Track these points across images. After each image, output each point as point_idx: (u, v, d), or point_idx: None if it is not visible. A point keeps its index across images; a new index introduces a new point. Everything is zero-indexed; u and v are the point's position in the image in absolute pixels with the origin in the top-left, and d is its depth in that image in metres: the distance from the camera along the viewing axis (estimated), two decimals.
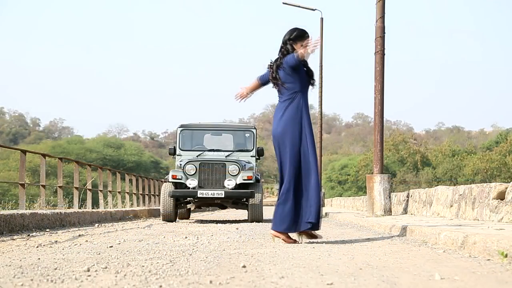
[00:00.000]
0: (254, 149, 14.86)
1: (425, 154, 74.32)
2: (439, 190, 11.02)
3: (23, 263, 4.32)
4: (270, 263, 4.22)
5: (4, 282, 3.39)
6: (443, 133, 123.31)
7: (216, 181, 13.66)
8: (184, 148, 14.76)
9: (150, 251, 5.35)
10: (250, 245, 5.99)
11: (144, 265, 4.12)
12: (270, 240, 6.73)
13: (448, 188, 10.53)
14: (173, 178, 13.58)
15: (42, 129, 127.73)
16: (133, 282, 3.31)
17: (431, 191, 11.52)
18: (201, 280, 3.38)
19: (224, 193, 13.35)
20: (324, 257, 4.61)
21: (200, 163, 13.64)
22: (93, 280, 3.42)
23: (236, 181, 13.57)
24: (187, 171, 13.57)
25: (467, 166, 64.66)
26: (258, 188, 13.84)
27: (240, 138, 15.21)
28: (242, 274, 3.61)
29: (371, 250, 5.20)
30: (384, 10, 13.47)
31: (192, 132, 15.12)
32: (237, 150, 14.82)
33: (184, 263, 4.28)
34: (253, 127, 15.36)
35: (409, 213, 13.01)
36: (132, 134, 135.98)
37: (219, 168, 13.71)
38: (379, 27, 13.46)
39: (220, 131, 15.52)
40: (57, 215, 9.64)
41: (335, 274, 3.59)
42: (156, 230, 9.52)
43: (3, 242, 6.54)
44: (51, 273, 3.77)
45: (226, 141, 15.46)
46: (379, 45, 13.36)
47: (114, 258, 4.69)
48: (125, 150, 77.93)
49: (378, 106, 13.21)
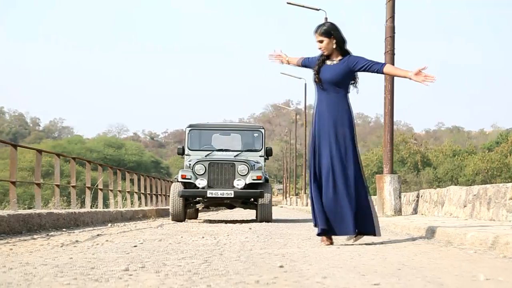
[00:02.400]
0: (263, 149, 14.86)
1: (426, 154, 74.42)
2: (452, 190, 11.03)
3: (58, 263, 4.32)
4: (305, 263, 4.22)
5: (49, 281, 3.39)
6: (443, 133, 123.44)
7: (225, 181, 13.65)
8: (192, 148, 14.75)
9: (176, 251, 5.35)
10: (273, 245, 5.99)
11: (180, 265, 4.12)
12: (291, 240, 6.74)
13: (461, 188, 10.54)
14: (183, 178, 13.57)
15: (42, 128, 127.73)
16: (179, 282, 3.31)
17: (443, 191, 11.53)
18: (246, 279, 3.38)
19: (233, 193, 13.35)
20: (356, 257, 4.62)
21: (210, 163, 13.63)
22: (137, 280, 3.42)
23: (246, 181, 13.56)
24: (197, 171, 13.56)
25: (468, 166, 64.78)
26: (267, 188, 13.84)
27: (248, 138, 15.21)
28: (283, 274, 3.62)
29: (399, 251, 5.20)
30: (394, 10, 13.48)
31: (200, 132, 15.11)
32: (245, 150, 14.82)
33: (219, 262, 4.28)
34: (261, 127, 15.38)
35: (419, 213, 13.01)
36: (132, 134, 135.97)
37: (228, 168, 13.70)
38: (389, 27, 13.47)
39: (228, 131, 15.53)
40: (72, 214, 9.66)
41: (375, 274, 3.60)
42: (169, 230, 9.53)
43: (25, 241, 6.55)
44: (91, 272, 3.78)
45: (234, 141, 15.46)
46: (389, 45, 13.37)
47: (145, 257, 4.70)
48: (126, 150, 78.00)
49: (388, 106, 13.23)
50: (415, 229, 7.47)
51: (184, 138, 14.97)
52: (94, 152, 73.83)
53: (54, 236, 7.40)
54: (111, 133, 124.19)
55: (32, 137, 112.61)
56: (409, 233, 7.61)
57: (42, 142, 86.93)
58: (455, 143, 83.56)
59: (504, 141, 69.02)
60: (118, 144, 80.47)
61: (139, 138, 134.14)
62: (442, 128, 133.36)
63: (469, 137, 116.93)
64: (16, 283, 3.30)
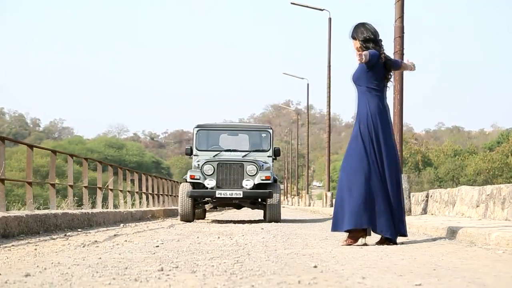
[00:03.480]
0: (271, 149, 14.85)
1: (427, 154, 74.41)
2: (463, 190, 11.02)
3: (89, 263, 4.32)
4: (337, 264, 4.22)
5: (88, 281, 3.39)
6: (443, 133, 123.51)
7: (234, 181, 13.63)
8: (200, 148, 14.73)
9: (201, 251, 5.35)
10: (295, 245, 5.99)
11: (213, 265, 4.12)
12: (309, 240, 6.75)
13: (474, 188, 10.53)
14: (191, 178, 13.55)
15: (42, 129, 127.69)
16: (221, 282, 3.31)
17: (454, 191, 11.52)
18: (286, 279, 3.38)
19: (242, 193, 13.33)
20: (385, 258, 4.62)
21: (218, 163, 13.61)
22: (176, 280, 3.42)
23: (254, 181, 13.54)
24: (205, 171, 13.53)
25: (469, 166, 64.76)
26: (276, 188, 13.84)
27: (256, 138, 15.20)
28: (320, 274, 3.62)
29: (425, 251, 5.20)
30: (403, 10, 13.45)
31: (208, 132, 15.09)
32: (253, 150, 14.80)
33: (251, 263, 4.28)
34: (269, 127, 15.38)
35: (429, 213, 13.00)
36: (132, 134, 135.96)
37: (237, 168, 13.68)
38: (398, 27, 13.45)
39: (236, 131, 15.52)
40: (85, 215, 9.67)
41: (412, 275, 3.60)
42: (182, 230, 9.52)
43: (45, 241, 6.55)
44: (126, 272, 3.78)
45: (241, 141, 15.45)
46: (398, 45, 13.35)
47: (173, 258, 4.69)
48: (126, 151, 77.98)
49: (397, 106, 13.22)
50: (432, 229, 7.47)
51: (192, 139, 14.94)
52: (95, 152, 73.83)
53: (72, 236, 7.40)
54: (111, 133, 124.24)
55: (32, 137, 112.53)
56: (426, 233, 7.60)
57: (42, 143, 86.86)
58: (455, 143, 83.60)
59: (505, 141, 69.01)
60: (119, 145, 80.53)
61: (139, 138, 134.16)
62: (442, 128, 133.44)
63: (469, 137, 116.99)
64: (57, 283, 3.30)
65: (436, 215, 12.04)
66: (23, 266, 4.17)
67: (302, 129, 70.64)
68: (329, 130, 27.51)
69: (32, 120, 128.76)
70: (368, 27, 6.16)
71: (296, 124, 57.15)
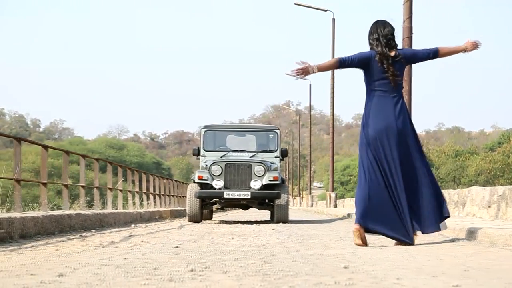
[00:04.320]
0: (278, 150, 14.83)
1: (427, 155, 74.37)
2: (474, 190, 11.02)
3: (116, 263, 4.31)
4: (365, 264, 4.21)
5: (123, 281, 3.38)
6: (443, 134, 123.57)
7: (242, 181, 13.61)
8: (207, 149, 14.71)
9: (222, 251, 5.33)
10: (314, 246, 5.98)
11: (242, 266, 4.11)
12: (325, 241, 6.75)
13: (485, 189, 10.53)
14: (199, 179, 13.54)
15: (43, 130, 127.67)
16: (257, 282, 3.30)
17: (464, 191, 11.52)
18: (322, 280, 3.37)
19: (250, 193, 13.32)
20: (411, 259, 4.61)
21: (226, 164, 13.59)
22: (211, 280, 3.41)
23: (262, 182, 13.53)
24: (213, 172, 13.52)
25: (470, 166, 64.71)
26: (284, 189, 13.82)
27: (263, 139, 15.19)
28: (353, 275, 3.61)
29: (448, 252, 5.19)
30: (412, 10, 13.49)
31: (215, 133, 15.07)
32: (260, 151, 14.79)
33: (278, 263, 4.27)
34: (277, 128, 15.37)
35: None
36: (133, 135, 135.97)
37: (244, 169, 13.67)
38: (407, 27, 13.48)
39: (243, 132, 15.50)
40: (97, 215, 9.67)
41: (446, 276, 3.59)
42: (194, 231, 9.50)
43: (63, 242, 6.53)
44: (157, 272, 3.77)
45: (248, 142, 15.43)
46: (407, 45, 13.36)
47: (198, 258, 4.68)
48: (127, 151, 77.92)
49: None
50: (448, 230, 7.44)
51: (200, 139, 14.93)
52: (95, 153, 73.68)
53: (88, 237, 7.39)
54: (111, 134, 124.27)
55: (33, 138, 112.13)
56: (441, 234, 7.56)
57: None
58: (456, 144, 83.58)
59: (506, 141, 68.95)
60: (120, 145, 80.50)
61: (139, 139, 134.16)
62: (442, 129, 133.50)
63: (470, 138, 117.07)
64: (94, 283, 3.29)
65: None
66: (52, 266, 4.16)
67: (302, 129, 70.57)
68: (333, 131, 27.51)
69: (32, 121, 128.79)
70: (373, 26, 6.11)
71: (297, 124, 57.11)
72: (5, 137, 7.72)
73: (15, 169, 7.95)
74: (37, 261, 4.48)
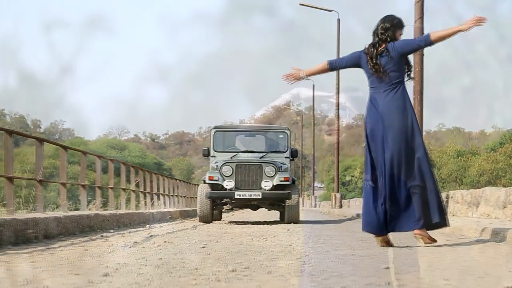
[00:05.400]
0: (288, 150, 14.82)
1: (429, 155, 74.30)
2: (488, 191, 11.00)
3: (154, 263, 4.29)
4: (404, 265, 4.20)
5: (171, 281, 3.38)
6: (443, 134, 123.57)
7: (253, 182, 13.60)
8: (217, 149, 14.70)
9: (252, 252, 5.32)
10: (339, 246, 5.98)
11: (281, 266, 4.10)
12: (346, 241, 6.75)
13: (500, 189, 10.51)
14: (210, 180, 13.53)
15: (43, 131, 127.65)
16: (307, 283, 3.29)
17: (477, 192, 11.50)
18: (372, 281, 3.37)
19: (261, 194, 13.32)
20: (448, 259, 4.60)
21: (237, 164, 13.58)
22: (259, 280, 3.41)
23: (273, 182, 13.53)
24: (224, 172, 13.51)
25: (472, 167, 64.67)
26: (295, 190, 13.81)
27: (273, 140, 15.18)
28: (398, 275, 3.60)
29: (481, 253, 5.19)
30: (423, 10, 13.49)
31: (225, 133, 15.06)
32: (270, 151, 14.78)
33: (317, 264, 4.26)
34: (287, 128, 15.35)
35: (450, 214, 12.97)
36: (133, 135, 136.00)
37: (255, 169, 13.66)
38: (418, 27, 13.47)
39: (253, 133, 15.50)
40: (114, 216, 9.68)
41: (494, 277, 3.58)
42: (209, 231, 9.49)
43: (87, 242, 6.52)
44: (199, 272, 3.76)
45: (258, 143, 15.42)
46: None
47: (232, 259, 4.67)
48: (129, 152, 77.90)
49: (417, 107, 13.22)
50: (470, 230, 7.43)
51: (210, 140, 14.91)
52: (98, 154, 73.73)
53: (109, 237, 7.38)
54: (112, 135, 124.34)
55: None
56: (463, 235, 7.55)
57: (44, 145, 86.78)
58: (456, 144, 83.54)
59: (507, 142, 68.89)
60: (121, 146, 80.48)
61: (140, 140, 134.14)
62: (442, 129, 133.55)
63: (470, 138, 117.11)
64: (143, 283, 3.28)
65: (459, 216, 12.01)
66: (91, 266, 4.15)
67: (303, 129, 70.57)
68: (338, 133, 27.49)
69: (33, 122, 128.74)
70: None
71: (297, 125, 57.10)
72: (27, 137, 7.73)
73: (39, 170, 7.94)
74: (73, 261, 4.47)
